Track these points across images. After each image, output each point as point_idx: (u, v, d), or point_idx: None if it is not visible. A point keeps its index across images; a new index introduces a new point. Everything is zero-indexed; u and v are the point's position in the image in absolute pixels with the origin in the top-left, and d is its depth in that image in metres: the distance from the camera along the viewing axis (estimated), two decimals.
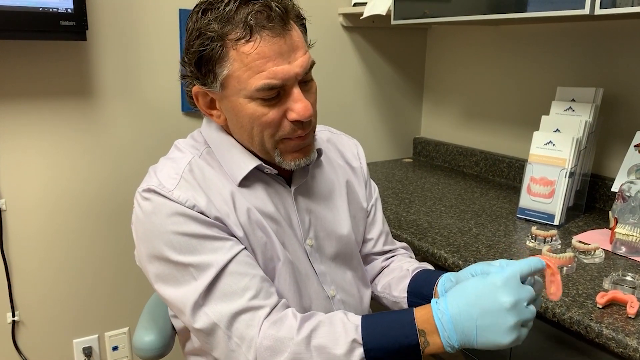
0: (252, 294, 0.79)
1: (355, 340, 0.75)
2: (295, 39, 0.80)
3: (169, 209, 0.79)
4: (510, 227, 1.34)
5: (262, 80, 0.77)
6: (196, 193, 0.81)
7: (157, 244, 0.79)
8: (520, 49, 1.71)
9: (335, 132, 1.08)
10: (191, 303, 0.78)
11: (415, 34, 2.04)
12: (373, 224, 1.07)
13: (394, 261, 1.06)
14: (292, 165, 0.85)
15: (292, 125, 0.81)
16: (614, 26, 1.44)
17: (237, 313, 0.77)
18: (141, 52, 1.57)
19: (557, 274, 0.77)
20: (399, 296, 0.97)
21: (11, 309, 1.53)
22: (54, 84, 1.47)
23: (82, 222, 1.59)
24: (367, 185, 1.07)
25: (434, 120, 2.10)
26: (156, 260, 0.81)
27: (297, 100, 0.80)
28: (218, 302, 0.78)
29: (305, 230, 0.92)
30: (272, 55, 0.77)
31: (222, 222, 0.82)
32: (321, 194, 0.96)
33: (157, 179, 0.82)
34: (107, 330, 1.70)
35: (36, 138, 1.48)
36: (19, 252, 1.52)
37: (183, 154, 0.88)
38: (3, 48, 1.39)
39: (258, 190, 0.88)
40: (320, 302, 0.92)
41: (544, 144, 1.38)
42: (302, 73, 0.80)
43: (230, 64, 0.78)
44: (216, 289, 0.78)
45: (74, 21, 1.32)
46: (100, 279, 1.65)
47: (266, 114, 0.80)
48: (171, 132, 1.65)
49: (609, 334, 0.85)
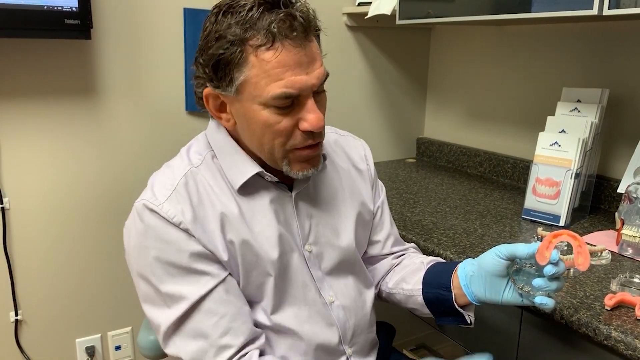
0: (220, 334, 0.81)
1: None
2: (314, 51, 0.80)
3: (156, 233, 0.81)
4: (515, 228, 1.34)
5: (280, 88, 0.77)
6: (185, 208, 0.82)
7: (142, 264, 0.82)
8: (525, 49, 1.70)
9: (342, 134, 1.07)
10: (163, 329, 0.82)
11: (419, 34, 2.03)
12: (380, 226, 1.06)
13: (406, 258, 1.06)
14: (299, 175, 0.85)
15: (303, 135, 0.81)
16: (620, 27, 1.44)
17: (202, 351, 0.80)
18: (145, 51, 1.56)
19: (584, 245, 0.80)
20: (413, 288, 0.97)
21: (14, 308, 1.52)
22: (58, 82, 1.47)
23: (85, 221, 1.58)
24: (374, 187, 1.06)
25: (438, 121, 2.10)
26: (140, 278, 0.83)
27: (311, 111, 0.80)
28: (185, 337, 0.81)
29: (305, 236, 0.92)
30: (292, 64, 0.76)
31: (206, 246, 0.82)
32: (323, 199, 0.95)
33: (151, 192, 0.84)
34: (110, 329, 1.69)
35: (40, 136, 1.48)
36: (22, 251, 1.51)
37: (182, 163, 0.88)
38: (8, 46, 1.39)
39: (258, 196, 0.88)
40: (317, 308, 0.92)
41: (549, 145, 1.37)
42: (318, 85, 0.80)
43: (249, 69, 0.77)
44: (187, 322, 0.81)
45: (78, 20, 1.32)
46: (103, 278, 1.64)
47: (279, 122, 0.79)
48: (175, 131, 1.64)
49: (618, 336, 0.85)
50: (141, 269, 0.82)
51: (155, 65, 1.58)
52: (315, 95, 0.82)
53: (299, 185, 0.91)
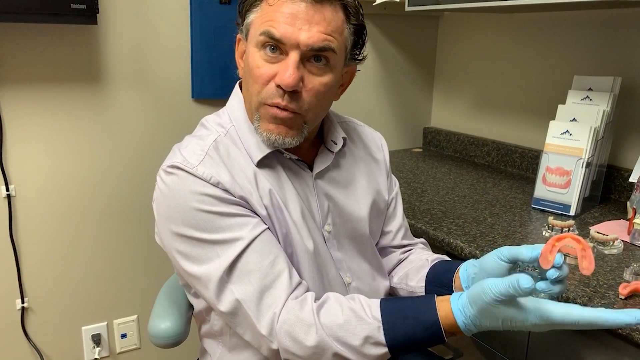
0: (278, 272, 0.79)
1: (378, 343, 0.75)
2: (320, 16, 0.78)
3: (193, 185, 0.79)
4: (525, 218, 1.33)
5: (265, 26, 0.79)
6: (220, 170, 0.81)
7: (181, 220, 0.79)
8: (535, 36, 1.68)
9: (360, 124, 1.08)
10: (216, 279, 0.78)
11: (427, 21, 2.01)
12: (393, 217, 1.06)
13: (412, 254, 1.05)
14: (263, 135, 0.83)
15: (276, 90, 0.80)
16: (633, 14, 1.41)
17: (263, 290, 0.77)
18: (151, 37, 1.54)
19: (588, 248, 0.76)
20: (416, 286, 0.96)
21: (20, 296, 1.52)
22: (64, 69, 1.45)
23: (91, 208, 1.57)
24: (389, 178, 1.06)
25: (445, 110, 2.08)
26: (179, 237, 0.80)
27: (288, 67, 0.78)
28: (243, 279, 0.78)
29: (324, 216, 0.91)
30: (286, 13, 0.78)
31: (246, 200, 0.81)
32: (341, 182, 0.95)
33: (181, 156, 0.82)
34: (116, 317, 1.69)
35: (45, 124, 1.47)
36: (28, 238, 1.51)
37: (209, 132, 0.88)
38: (13, 31, 1.37)
39: (279, 171, 0.87)
40: (337, 288, 0.92)
41: (560, 134, 1.36)
42: (305, 45, 0.78)
43: (257, 12, 0.82)
44: (241, 265, 0.78)
45: (85, 4, 1.30)
46: (109, 266, 1.64)
47: (260, 67, 0.81)
48: (181, 118, 1.63)
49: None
50: (181, 228, 0.79)
51: (161, 51, 1.56)
52: (312, 65, 0.80)
53: (319, 165, 0.91)
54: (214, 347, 0.94)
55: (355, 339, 0.75)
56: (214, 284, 0.78)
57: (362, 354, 0.75)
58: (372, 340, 0.75)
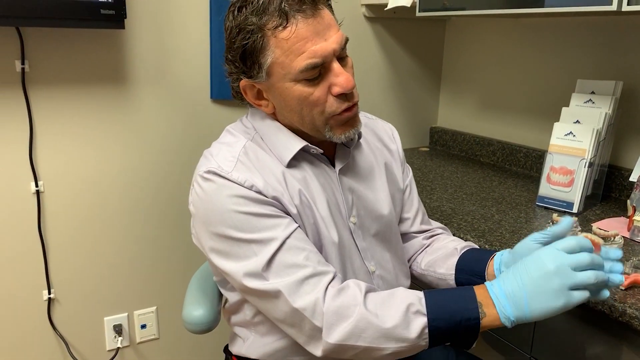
0: (315, 263, 0.84)
1: (419, 311, 0.81)
2: (327, 18, 0.85)
3: (229, 190, 0.85)
4: (530, 214, 1.40)
5: (304, 61, 0.82)
6: (253, 174, 0.87)
7: (219, 222, 0.85)
8: (539, 41, 1.75)
9: (371, 117, 1.14)
10: (254, 275, 0.83)
11: (435, 25, 2.08)
12: (410, 203, 1.11)
13: (437, 240, 1.11)
14: (342, 138, 0.90)
15: (338, 100, 0.86)
16: (635, 21, 1.48)
17: (302, 280, 0.82)
18: (173, 40, 1.61)
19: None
20: (445, 273, 1.01)
21: (47, 287, 1.59)
22: (92, 71, 1.52)
23: (114, 205, 1.64)
24: (403, 165, 1.12)
25: (451, 111, 2.15)
26: (217, 238, 0.86)
27: (339, 74, 0.85)
28: (281, 272, 0.83)
29: (349, 208, 0.97)
30: (309, 35, 0.81)
31: (279, 201, 0.87)
32: (362, 175, 1.01)
33: (215, 162, 0.88)
34: (136, 309, 1.76)
35: (74, 123, 1.53)
36: (55, 233, 1.58)
37: (236, 139, 0.93)
38: (47, 36, 1.44)
39: (306, 170, 0.93)
40: (362, 277, 0.98)
41: (564, 135, 1.43)
42: (339, 49, 0.85)
43: (272, 51, 0.83)
44: (278, 261, 0.83)
45: (113, 10, 1.36)
46: (130, 259, 1.71)
47: (312, 93, 0.85)
48: (200, 118, 1.70)
49: (633, 313, 0.91)
50: (219, 229, 0.85)
51: (182, 54, 1.63)
52: (340, 61, 0.87)
53: (341, 160, 0.97)
54: (246, 333, 1.00)
55: (399, 310, 0.80)
56: (252, 278, 0.84)
57: (405, 322, 0.80)
58: (414, 309, 0.80)
